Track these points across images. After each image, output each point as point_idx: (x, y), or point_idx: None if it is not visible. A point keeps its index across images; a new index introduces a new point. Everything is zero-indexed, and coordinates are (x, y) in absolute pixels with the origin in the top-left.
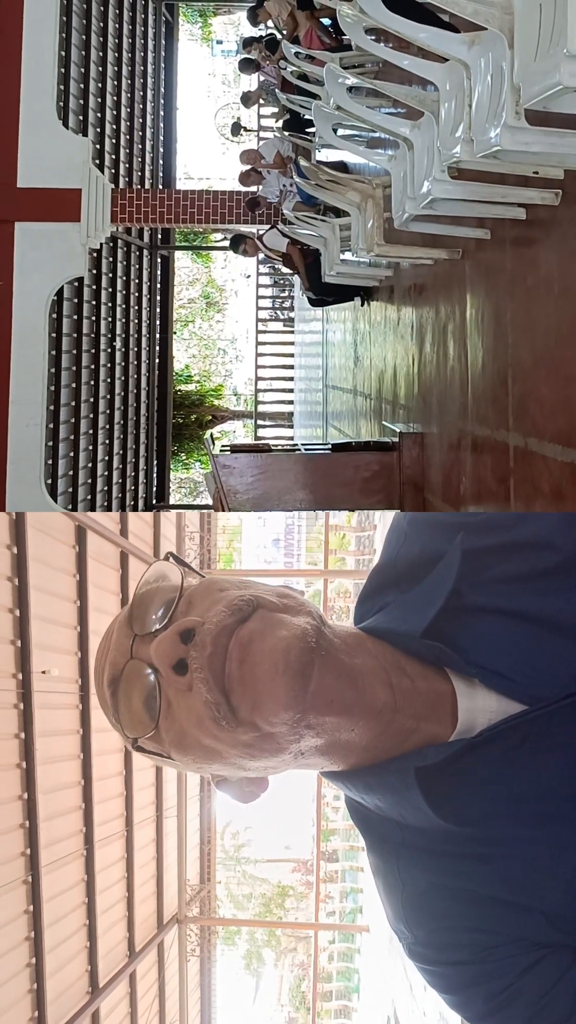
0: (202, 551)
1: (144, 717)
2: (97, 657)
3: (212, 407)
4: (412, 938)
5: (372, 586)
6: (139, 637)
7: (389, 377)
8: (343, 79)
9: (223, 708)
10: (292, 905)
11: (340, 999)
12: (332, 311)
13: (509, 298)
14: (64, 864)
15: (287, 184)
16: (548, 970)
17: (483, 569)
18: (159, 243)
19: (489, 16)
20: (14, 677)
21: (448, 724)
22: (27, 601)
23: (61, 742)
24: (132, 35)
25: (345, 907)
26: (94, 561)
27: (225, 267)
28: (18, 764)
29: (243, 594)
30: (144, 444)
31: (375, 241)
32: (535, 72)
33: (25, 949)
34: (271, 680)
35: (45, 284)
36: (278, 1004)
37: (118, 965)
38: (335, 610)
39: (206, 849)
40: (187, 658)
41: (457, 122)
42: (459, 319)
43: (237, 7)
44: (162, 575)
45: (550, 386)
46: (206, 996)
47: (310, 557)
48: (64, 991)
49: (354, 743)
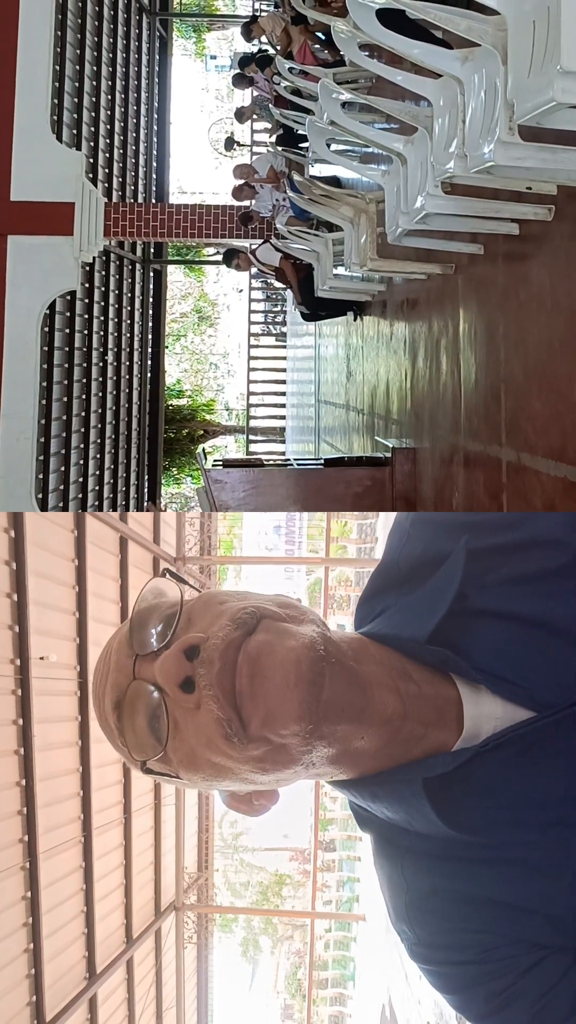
0: (202, 538)
1: (151, 739)
2: (96, 679)
3: (204, 422)
4: (414, 938)
5: (374, 587)
6: (141, 657)
7: (382, 392)
8: (337, 94)
9: (234, 724)
10: (289, 893)
11: (336, 987)
12: (325, 326)
13: (502, 313)
14: (62, 851)
15: (280, 199)
16: (548, 971)
17: (488, 570)
18: (152, 257)
19: (483, 32)
20: (12, 663)
21: (454, 730)
22: (25, 586)
23: (59, 728)
24: (126, 50)
25: (342, 896)
26: (93, 546)
27: (217, 281)
28: (16, 750)
29: (245, 606)
30: (135, 458)
31: (368, 256)
32: (528, 88)
33: (23, 935)
34: (283, 693)
35: (37, 298)
36: (274, 991)
37: (116, 951)
38: (336, 599)
39: (204, 837)
40: (194, 676)
41: (451, 137)
42: (452, 334)
43: (231, 22)
44: (159, 592)
45: (542, 401)
46: (203, 983)
47: (311, 545)
48: (62, 976)
49: (363, 751)
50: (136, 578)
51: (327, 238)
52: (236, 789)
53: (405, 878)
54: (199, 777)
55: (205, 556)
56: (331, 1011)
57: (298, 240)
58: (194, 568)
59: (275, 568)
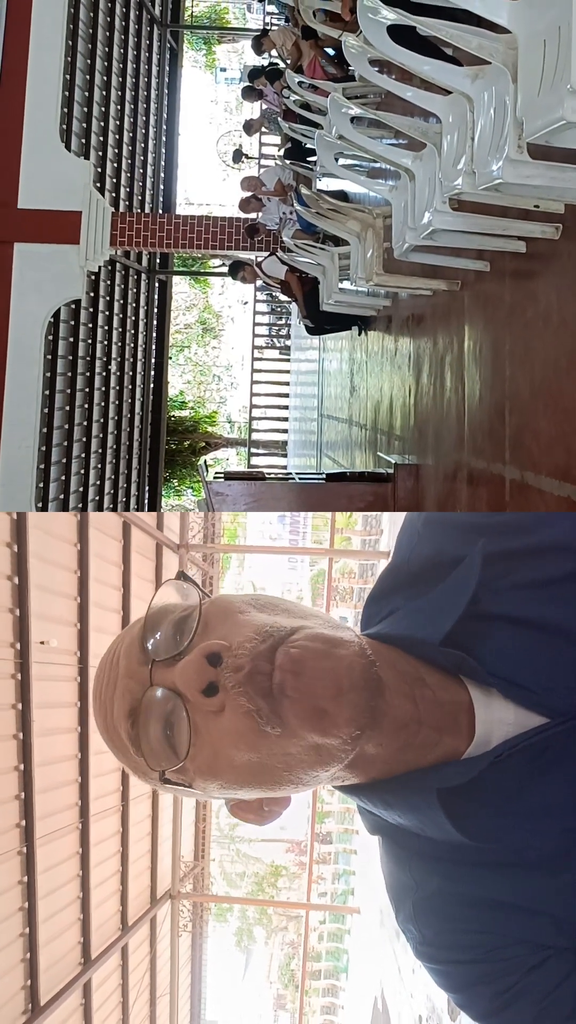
0: (206, 526)
1: (168, 747)
2: (101, 687)
3: (206, 434)
4: (420, 937)
5: (383, 587)
6: (157, 663)
7: (385, 407)
8: (346, 109)
9: (265, 713)
10: (284, 885)
11: (329, 978)
12: (329, 340)
13: (507, 331)
14: (59, 837)
15: (287, 212)
16: (553, 970)
17: (503, 574)
18: (157, 267)
19: (493, 50)
20: (12, 647)
21: (465, 736)
22: (26, 569)
23: (58, 714)
24: (136, 60)
25: (337, 888)
26: (96, 531)
27: (223, 293)
28: (14, 735)
29: (272, 620)
30: (136, 469)
31: (374, 270)
32: (538, 107)
33: (19, 919)
34: (336, 697)
35: (42, 305)
36: (267, 981)
37: (111, 938)
38: (339, 590)
39: (201, 826)
40: (218, 680)
41: (459, 154)
42: (457, 351)
43: (241, 35)
44: (170, 596)
45: (547, 420)
46: (196, 971)
47: (315, 536)
48: (57, 961)
49: (378, 757)
50: (139, 564)
51: (333, 252)
52: (251, 796)
53: (414, 879)
54: (216, 784)
55: (208, 544)
56: (323, 1002)
57: (304, 253)
58: (197, 556)
59: (279, 558)
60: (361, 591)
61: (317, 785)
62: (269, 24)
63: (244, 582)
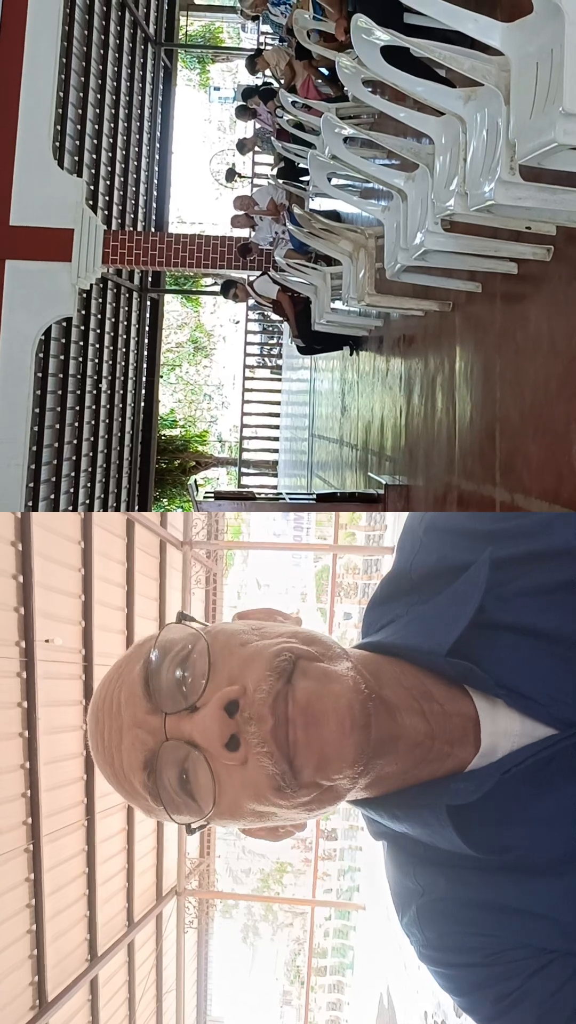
0: (210, 523)
1: (186, 796)
2: (102, 734)
3: (196, 453)
4: (424, 941)
5: (384, 594)
6: (170, 715)
7: (376, 428)
8: (340, 129)
9: (287, 777)
10: (290, 881)
11: (334, 975)
12: (320, 360)
13: (498, 353)
14: (65, 834)
15: (279, 231)
16: (555, 974)
17: (508, 580)
18: (149, 286)
19: (486, 72)
20: (17, 645)
21: (471, 746)
22: (31, 568)
23: (64, 712)
24: (130, 78)
25: (342, 885)
26: (100, 529)
27: (214, 312)
28: (20, 733)
29: (279, 651)
30: (126, 488)
31: (366, 291)
32: (531, 129)
33: (26, 916)
34: (339, 739)
35: (33, 323)
36: (273, 977)
37: (117, 934)
38: (344, 586)
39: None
40: (239, 733)
41: (451, 175)
42: (448, 372)
43: (235, 55)
44: (171, 640)
45: (538, 442)
46: (202, 967)
47: (319, 531)
48: (64, 958)
49: (393, 774)
50: (142, 561)
51: (325, 272)
52: (270, 826)
53: (419, 884)
54: (238, 825)
55: (212, 541)
56: (329, 998)
57: (296, 273)
58: (201, 552)
59: (282, 554)
60: (365, 587)
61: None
62: (263, 44)
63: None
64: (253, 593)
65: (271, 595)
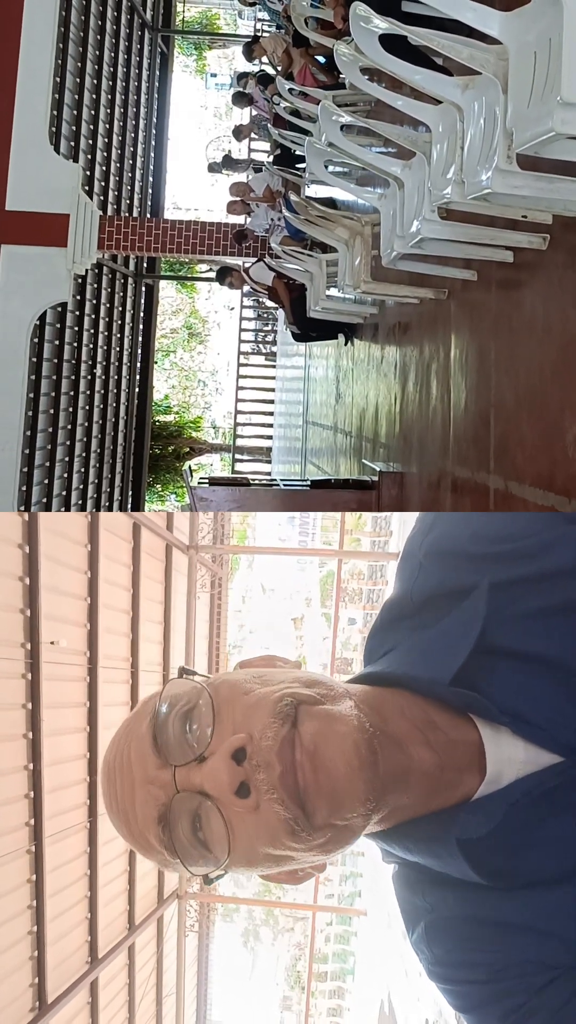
0: (215, 527)
1: (200, 846)
2: (115, 793)
3: (190, 439)
4: (432, 958)
5: (386, 620)
6: (180, 767)
7: (371, 415)
8: (337, 116)
9: (301, 821)
10: (291, 886)
11: (335, 980)
12: (315, 347)
13: (493, 340)
14: (67, 836)
15: (276, 218)
16: (561, 989)
17: (510, 603)
18: (144, 272)
19: (484, 61)
20: (22, 647)
21: (477, 774)
22: (37, 570)
23: (68, 714)
24: (127, 64)
25: (344, 891)
26: (106, 532)
27: (209, 298)
28: (24, 734)
29: (281, 696)
30: (120, 474)
31: (362, 278)
32: (528, 118)
33: (27, 917)
34: (348, 780)
35: (28, 308)
36: (273, 982)
37: (118, 937)
38: (348, 592)
39: None
40: (249, 780)
41: (449, 163)
42: (443, 359)
43: (232, 42)
44: (175, 694)
45: (532, 429)
46: (203, 971)
47: (325, 536)
48: (64, 960)
49: (407, 806)
50: (148, 565)
51: (321, 259)
52: (288, 870)
53: (428, 902)
54: (255, 871)
55: (218, 545)
56: (330, 1004)
57: (292, 260)
58: (206, 557)
59: (288, 559)
60: (370, 592)
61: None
62: (260, 31)
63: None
64: (258, 598)
65: (276, 600)
